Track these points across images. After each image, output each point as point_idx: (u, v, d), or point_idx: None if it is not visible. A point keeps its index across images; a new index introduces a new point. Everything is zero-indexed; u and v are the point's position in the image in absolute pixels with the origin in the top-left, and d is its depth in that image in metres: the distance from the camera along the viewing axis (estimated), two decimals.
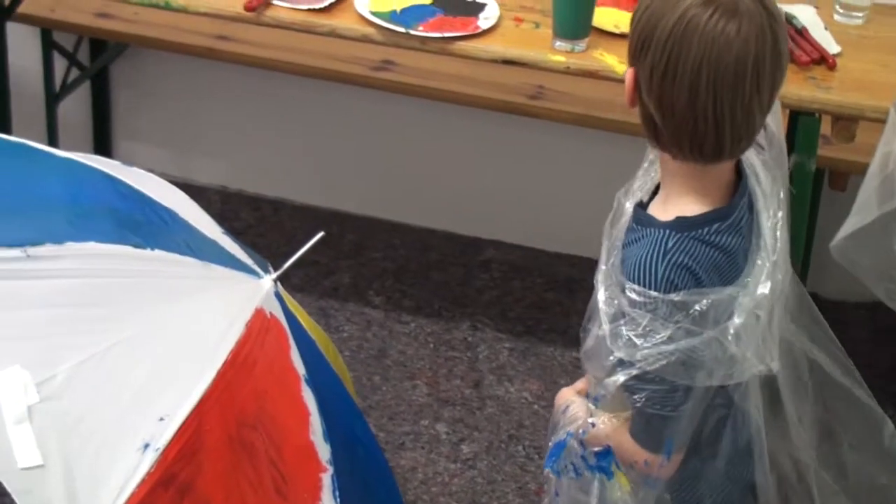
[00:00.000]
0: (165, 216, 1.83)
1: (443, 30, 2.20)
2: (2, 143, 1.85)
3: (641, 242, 1.44)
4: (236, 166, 3.39)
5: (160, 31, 2.94)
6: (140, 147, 3.42)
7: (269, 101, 3.24)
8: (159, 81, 3.32)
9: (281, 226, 3.24)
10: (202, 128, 3.36)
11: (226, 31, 2.88)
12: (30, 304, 1.56)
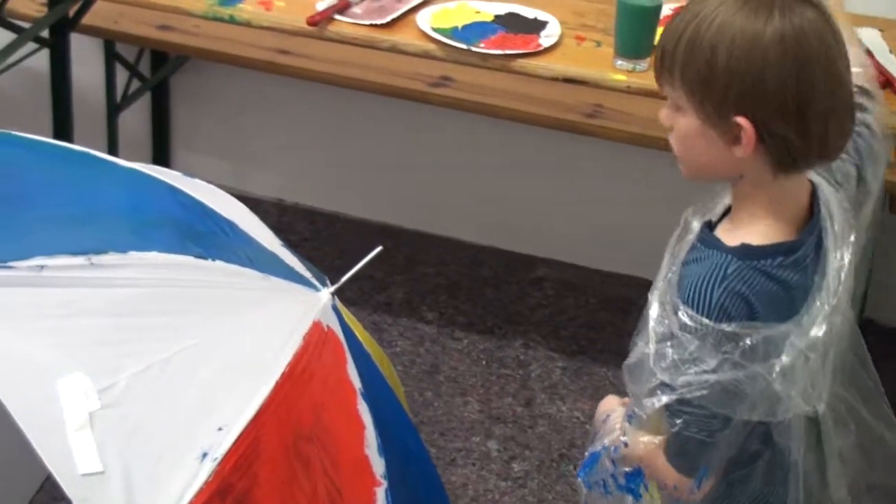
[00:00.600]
0: (226, 227, 1.84)
1: (504, 47, 2.20)
2: (67, 153, 1.87)
3: (702, 264, 1.40)
4: (292, 179, 3.41)
5: (221, 44, 2.97)
6: (198, 158, 3.45)
7: (327, 115, 3.26)
8: (219, 94, 3.35)
9: (335, 239, 3.26)
10: (260, 140, 3.39)
11: (286, 45, 2.90)
12: (93, 312, 1.57)
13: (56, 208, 1.70)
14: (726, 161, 1.38)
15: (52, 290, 1.54)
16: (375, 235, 3.25)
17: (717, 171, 1.42)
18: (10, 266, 1.52)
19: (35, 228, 1.64)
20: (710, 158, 1.39)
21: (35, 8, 3.04)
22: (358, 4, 2.29)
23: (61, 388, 1.46)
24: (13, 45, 2.73)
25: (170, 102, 3.42)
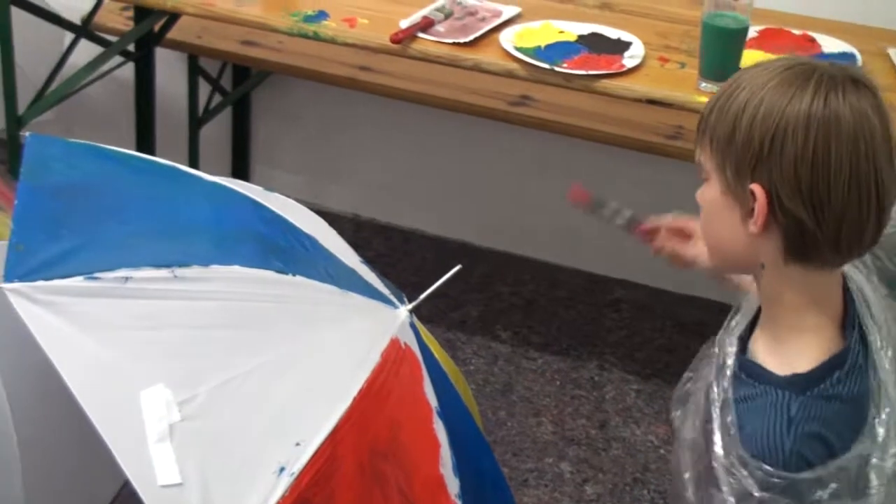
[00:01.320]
0: (307, 243, 1.85)
1: (587, 67, 2.19)
2: (154, 166, 1.89)
3: (759, 404, 1.30)
4: (369, 195, 3.43)
5: (303, 60, 2.99)
6: (276, 172, 3.48)
7: (405, 132, 3.27)
8: (299, 109, 3.38)
9: (411, 256, 3.26)
10: (338, 155, 3.41)
11: (368, 61, 2.92)
12: (175, 324, 1.58)
13: (142, 221, 1.72)
14: (742, 239, 1.31)
15: (136, 302, 1.56)
16: (451, 253, 3.25)
17: (736, 253, 1.35)
18: (96, 277, 1.54)
19: (121, 240, 1.66)
20: (729, 235, 1.33)
21: (122, 22, 3.09)
22: (441, 23, 2.29)
23: (143, 399, 1.47)
24: (100, 59, 2.77)
25: (250, 117, 3.46)
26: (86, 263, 1.56)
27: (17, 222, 1.62)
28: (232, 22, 2.36)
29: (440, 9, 2.34)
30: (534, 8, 2.44)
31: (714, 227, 1.36)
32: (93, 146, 1.88)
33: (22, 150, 2.72)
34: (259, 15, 2.33)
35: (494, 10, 2.38)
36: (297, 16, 2.32)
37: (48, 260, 1.55)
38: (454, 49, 2.22)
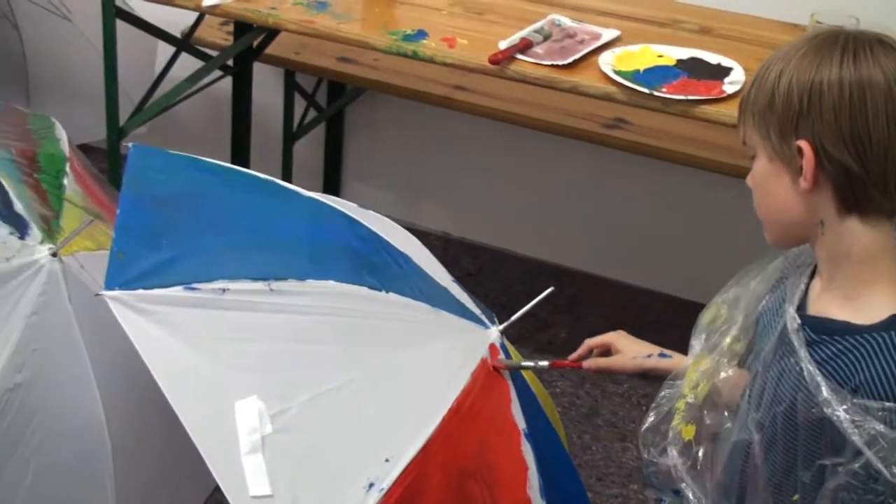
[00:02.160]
0: (400, 261, 1.86)
1: (687, 92, 2.17)
2: (252, 180, 1.91)
3: (862, 353, 1.29)
4: (460, 214, 3.44)
5: (399, 78, 3.02)
6: (367, 188, 3.51)
7: (497, 152, 3.27)
8: (392, 126, 3.40)
9: (499, 276, 3.26)
10: (429, 173, 3.42)
11: (463, 81, 2.93)
12: (270, 337, 1.60)
13: (240, 234, 1.74)
14: (796, 201, 1.35)
15: (232, 314, 1.57)
16: (540, 274, 3.25)
17: (792, 217, 1.37)
18: (194, 287, 1.56)
19: (220, 252, 1.68)
20: (782, 200, 1.36)
21: (221, 36, 3.15)
22: (539, 44, 2.29)
23: (237, 410, 1.49)
24: (200, 73, 2.82)
25: (343, 133, 3.49)
26: (185, 273, 1.58)
27: (118, 231, 1.65)
28: (332, 39, 2.38)
29: (539, 31, 2.34)
30: (633, 31, 2.44)
31: (768, 199, 1.39)
32: (193, 158, 1.91)
33: (122, 160, 2.82)
34: (359, 33, 2.35)
35: (593, 32, 2.37)
36: (396, 35, 2.33)
37: (148, 269, 1.58)
38: (552, 71, 2.22)
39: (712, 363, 1.50)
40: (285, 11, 2.41)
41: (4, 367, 1.70)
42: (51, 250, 1.76)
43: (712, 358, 1.51)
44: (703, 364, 1.51)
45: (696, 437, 1.48)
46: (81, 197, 2.00)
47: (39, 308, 1.73)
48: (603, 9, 2.55)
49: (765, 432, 1.37)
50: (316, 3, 2.44)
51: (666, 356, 1.73)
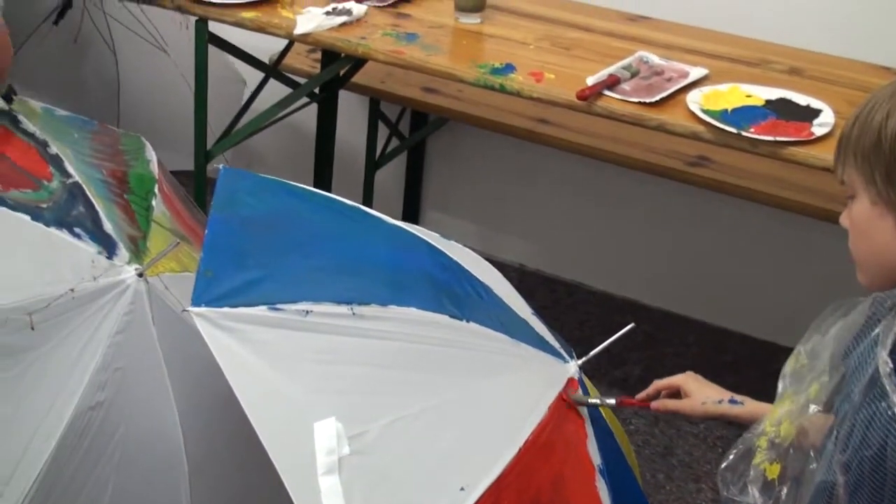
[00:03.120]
0: (481, 291, 1.87)
1: (775, 133, 2.16)
2: (338, 205, 1.93)
3: None
4: (536, 246, 3.44)
5: (482, 110, 3.03)
6: (446, 218, 3.52)
7: (577, 186, 3.27)
8: (472, 157, 3.42)
9: (575, 309, 3.25)
10: (508, 205, 3.43)
11: (547, 114, 2.94)
12: (351, 360, 1.61)
13: (325, 257, 1.77)
14: None
15: (314, 336, 1.59)
16: (616, 309, 3.23)
17: (891, 259, 1.36)
18: (278, 308, 1.58)
19: (304, 274, 1.71)
20: (882, 242, 1.35)
21: (308, 64, 3.19)
22: (627, 81, 2.30)
23: (316, 431, 1.50)
24: (288, 99, 2.85)
25: (424, 162, 3.51)
26: (269, 294, 1.61)
27: (207, 250, 1.67)
28: (421, 71, 2.41)
29: (627, 67, 2.34)
30: (722, 70, 2.43)
31: (867, 241, 1.37)
32: (281, 182, 1.94)
33: (207, 183, 2.87)
34: (447, 65, 2.38)
35: (681, 70, 2.37)
36: (484, 68, 2.35)
37: (234, 288, 1.60)
38: (640, 108, 2.22)
39: (796, 404, 1.48)
40: (375, 41, 2.44)
41: (88, 385, 1.72)
42: (137, 271, 1.79)
43: (797, 399, 1.49)
44: (787, 404, 1.49)
45: (781, 477, 1.46)
46: (168, 218, 2.03)
47: (124, 327, 1.76)
48: (691, 47, 2.54)
49: (851, 475, 1.35)
50: (405, 35, 2.47)
51: (736, 402, 1.70)
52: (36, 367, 1.68)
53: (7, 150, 1.93)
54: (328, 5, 2.57)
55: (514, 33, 2.53)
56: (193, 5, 2.58)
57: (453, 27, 2.55)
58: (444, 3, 2.66)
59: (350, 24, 2.50)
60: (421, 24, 2.54)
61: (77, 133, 2.16)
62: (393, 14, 2.59)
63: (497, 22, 2.59)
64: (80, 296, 1.71)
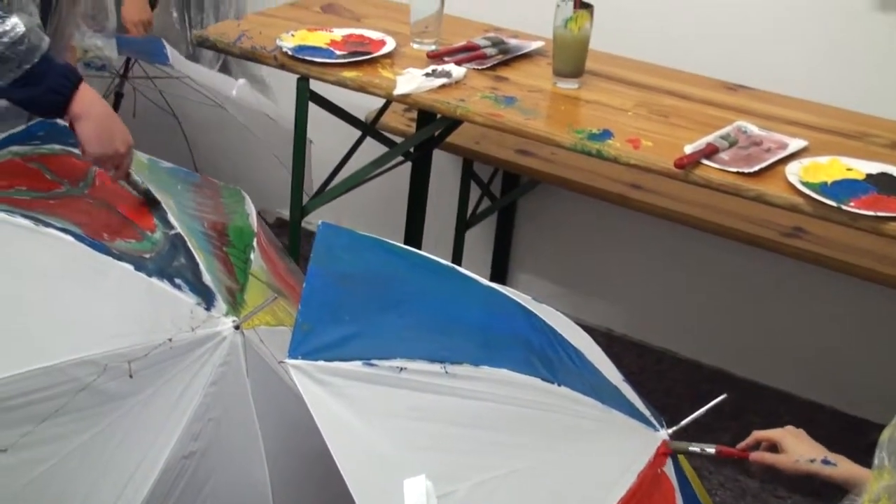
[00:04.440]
0: (573, 355, 1.87)
1: (876, 208, 2.12)
2: (432, 264, 1.96)
3: None
4: (625, 311, 3.42)
5: (575, 174, 3.04)
6: (534, 279, 3.53)
7: (668, 252, 3.26)
8: (563, 219, 3.42)
9: (663, 377, 3.22)
10: (596, 268, 3.43)
11: (640, 180, 2.94)
12: (442, 419, 1.62)
13: (419, 315, 1.78)
14: None
15: (407, 393, 1.61)
16: (704, 378, 3.20)
17: None
18: (373, 364, 1.60)
19: (399, 331, 1.72)
20: None
21: (403, 122, 3.23)
22: (725, 150, 2.29)
23: (406, 487, 1.51)
24: (384, 158, 2.89)
25: (514, 223, 3.52)
26: (365, 349, 1.63)
27: (304, 304, 1.70)
28: (519, 134, 2.42)
29: (725, 136, 2.33)
30: (822, 143, 2.41)
31: None
32: (377, 239, 1.97)
33: (301, 236, 2.91)
34: (545, 129, 2.39)
35: (780, 141, 2.36)
36: (581, 133, 2.36)
37: (330, 342, 1.63)
38: (738, 178, 2.20)
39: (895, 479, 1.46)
40: (473, 104, 2.47)
41: (182, 434, 1.75)
42: (234, 323, 1.82)
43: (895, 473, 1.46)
44: (887, 478, 1.47)
45: None
46: (265, 272, 2.06)
47: (219, 378, 1.79)
48: (791, 118, 2.53)
49: None
50: (504, 98, 2.50)
51: (830, 463, 1.70)
52: (132, 415, 1.71)
53: (117, 202, 1.98)
54: (428, 67, 2.61)
55: (612, 99, 2.54)
56: (296, 63, 2.63)
57: (551, 91, 2.57)
58: (543, 67, 2.68)
59: (449, 85, 2.54)
60: (519, 87, 2.57)
61: (180, 185, 2.22)
62: (491, 77, 2.62)
63: (595, 87, 2.60)
64: (178, 346, 1.75)
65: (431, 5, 2.74)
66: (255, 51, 2.69)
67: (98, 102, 2.03)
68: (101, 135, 2.01)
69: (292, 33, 2.75)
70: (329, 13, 2.99)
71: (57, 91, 1.96)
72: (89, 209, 1.94)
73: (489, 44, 2.75)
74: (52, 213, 1.85)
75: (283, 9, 3.01)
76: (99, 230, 1.85)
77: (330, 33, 2.78)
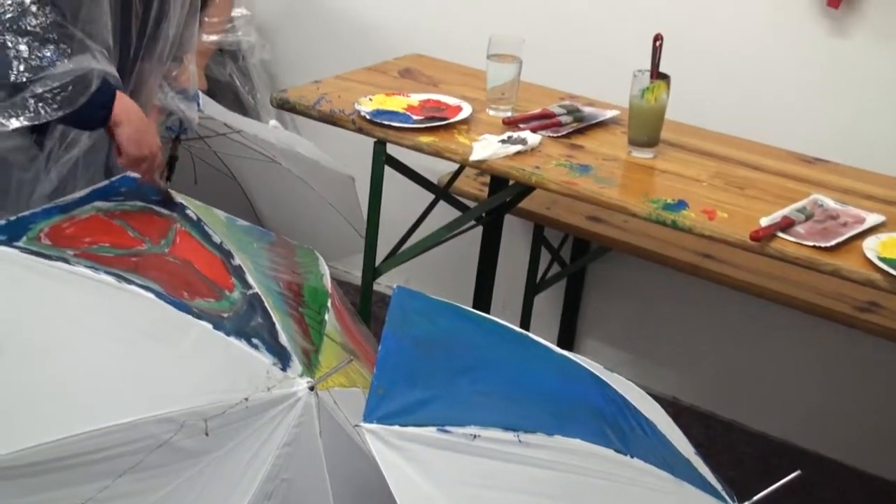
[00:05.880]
0: (645, 426, 1.86)
1: None
2: (506, 331, 1.96)
3: None
4: (693, 381, 3.39)
5: (647, 241, 3.04)
6: (601, 346, 3.51)
7: (738, 323, 3.23)
8: (632, 286, 3.42)
9: (730, 449, 3.19)
10: (665, 337, 3.41)
11: (712, 249, 2.93)
12: (515, 488, 1.62)
13: (494, 383, 1.79)
14: None
15: (480, 460, 1.62)
16: (773, 451, 3.16)
17: None
18: (447, 430, 1.61)
19: (472, 398, 1.73)
20: None
21: (476, 186, 3.26)
22: (801, 224, 2.28)
23: None
24: (456, 223, 2.91)
25: (583, 288, 3.52)
26: (439, 415, 1.64)
27: (379, 367, 1.71)
28: (594, 203, 2.43)
29: (801, 210, 2.33)
30: None
31: None
32: (451, 304, 1.98)
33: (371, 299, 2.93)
34: (619, 198, 2.40)
35: (857, 216, 2.34)
36: (656, 203, 2.36)
37: (405, 406, 1.64)
38: (814, 252, 2.19)
39: None
40: (548, 171, 2.48)
41: (255, 493, 1.76)
42: (309, 384, 1.82)
43: None
44: None
45: None
46: (339, 333, 2.08)
47: (293, 439, 1.79)
48: (868, 192, 2.51)
49: None
50: (579, 166, 2.51)
51: None
52: (208, 473, 1.73)
53: (195, 260, 2.01)
54: (503, 133, 2.63)
55: (687, 169, 2.55)
56: (374, 127, 2.67)
57: (626, 160, 2.58)
58: (617, 136, 2.70)
59: (524, 152, 2.56)
60: (594, 156, 2.58)
61: (256, 243, 2.25)
62: (567, 145, 2.63)
63: (670, 157, 2.61)
64: (254, 405, 1.76)
65: (508, 72, 2.77)
66: (334, 114, 2.73)
67: (133, 108, 2.16)
68: (138, 138, 2.14)
69: (370, 97, 2.79)
70: (406, 78, 3.03)
71: (101, 106, 2.09)
72: (170, 267, 1.97)
73: (564, 111, 2.77)
74: (135, 271, 1.88)
75: (361, 72, 3.06)
76: (179, 288, 1.88)
77: (407, 98, 2.82)
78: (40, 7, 1.98)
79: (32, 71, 1.96)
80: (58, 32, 2.00)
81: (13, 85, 1.96)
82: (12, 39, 1.96)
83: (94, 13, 2.06)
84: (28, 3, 1.97)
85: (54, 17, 1.99)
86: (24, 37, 1.97)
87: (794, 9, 2.91)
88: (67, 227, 2.03)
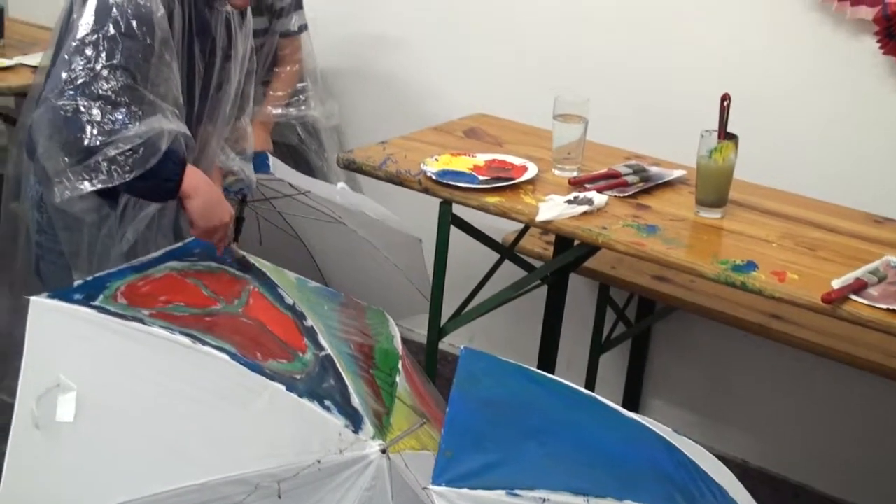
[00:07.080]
0: (715, 491, 1.85)
1: None
2: (574, 393, 1.97)
3: None
4: (761, 443, 3.35)
5: (713, 301, 3.02)
6: (667, 406, 3.49)
7: (807, 385, 3.20)
8: (699, 347, 3.39)
9: None
10: (732, 398, 3.37)
11: (780, 310, 2.91)
12: None
13: (563, 446, 1.79)
14: None
15: None
16: None
17: None
18: (516, 494, 1.62)
19: (540, 461, 1.73)
20: None
21: (540, 245, 3.26)
22: (874, 286, 2.25)
23: None
24: (523, 282, 2.91)
25: (649, 348, 3.50)
26: (507, 479, 1.64)
27: (448, 429, 1.72)
28: (661, 264, 2.42)
29: (874, 272, 2.30)
30: None
31: None
32: (518, 365, 1.99)
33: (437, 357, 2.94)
34: (687, 259, 2.39)
35: None
36: (725, 264, 2.35)
37: (473, 469, 1.65)
38: (888, 315, 2.16)
39: None
40: (615, 232, 2.48)
41: None
42: (381, 447, 1.83)
43: None
44: None
45: None
46: (410, 395, 2.09)
47: (364, 502, 1.80)
48: None
49: None
50: (646, 226, 2.51)
51: None
52: None
53: (269, 321, 2.04)
54: (570, 193, 2.64)
55: (756, 230, 2.53)
56: (440, 188, 2.69)
57: (693, 221, 2.57)
58: (685, 196, 2.69)
59: (591, 213, 2.56)
60: (661, 216, 2.58)
61: (327, 305, 2.27)
62: (633, 205, 2.63)
63: (738, 217, 2.60)
64: (326, 467, 1.77)
65: (574, 132, 2.79)
66: (401, 175, 2.76)
67: (203, 180, 2.19)
68: (209, 210, 2.18)
69: (436, 158, 2.81)
70: (472, 138, 3.06)
71: (169, 179, 2.12)
72: (244, 328, 2.00)
73: (630, 171, 2.78)
74: (209, 331, 1.91)
75: (427, 132, 3.09)
76: (253, 349, 1.90)
77: (473, 158, 2.84)
78: (111, 71, 2.03)
79: (106, 134, 2.01)
80: (129, 95, 2.04)
81: (87, 149, 2.01)
82: (85, 104, 2.01)
83: (163, 74, 2.11)
84: (99, 68, 2.02)
85: (125, 80, 2.04)
86: (96, 101, 2.02)
87: (860, 67, 2.90)
88: (143, 285, 2.07)
